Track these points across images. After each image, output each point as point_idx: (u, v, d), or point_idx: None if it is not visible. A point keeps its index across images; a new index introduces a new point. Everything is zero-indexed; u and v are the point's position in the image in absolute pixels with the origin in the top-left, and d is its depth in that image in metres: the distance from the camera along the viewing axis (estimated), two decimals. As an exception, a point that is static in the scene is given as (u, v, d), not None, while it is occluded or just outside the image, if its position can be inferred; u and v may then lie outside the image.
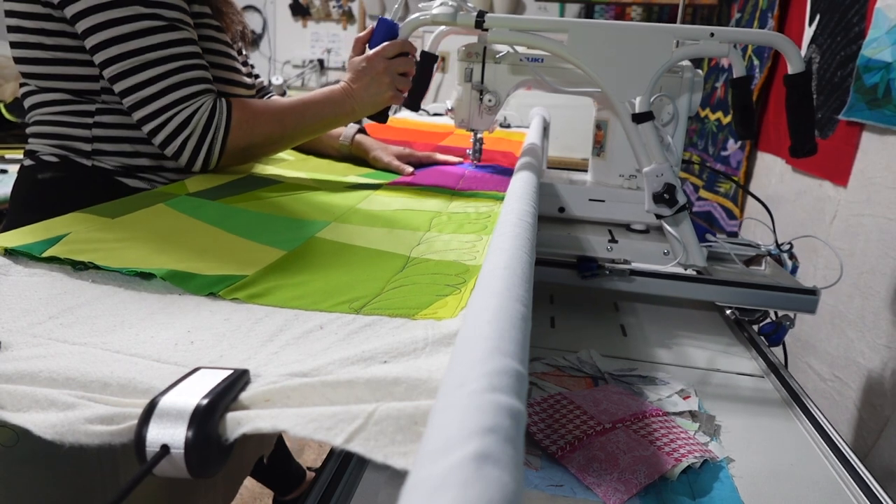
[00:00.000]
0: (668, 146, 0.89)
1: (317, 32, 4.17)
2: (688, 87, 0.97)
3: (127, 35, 0.80)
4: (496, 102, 1.00)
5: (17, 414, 0.32)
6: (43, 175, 0.90)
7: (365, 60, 0.92)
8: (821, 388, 1.42)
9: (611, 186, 1.07)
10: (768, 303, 0.90)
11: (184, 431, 0.30)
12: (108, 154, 0.89)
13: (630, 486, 0.56)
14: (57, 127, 0.90)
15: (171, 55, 0.82)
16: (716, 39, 0.83)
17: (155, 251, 0.57)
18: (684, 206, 0.87)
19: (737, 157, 2.22)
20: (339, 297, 0.51)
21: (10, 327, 0.42)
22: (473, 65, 1.00)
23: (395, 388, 0.33)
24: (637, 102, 0.85)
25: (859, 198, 1.35)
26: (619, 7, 3.30)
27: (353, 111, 0.94)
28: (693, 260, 0.91)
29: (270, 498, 1.60)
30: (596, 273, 0.91)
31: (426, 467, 0.21)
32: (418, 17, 0.91)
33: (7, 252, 0.53)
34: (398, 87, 0.93)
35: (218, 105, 0.86)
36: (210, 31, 0.92)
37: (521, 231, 0.53)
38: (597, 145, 1.08)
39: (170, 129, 0.83)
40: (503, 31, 0.87)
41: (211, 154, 0.86)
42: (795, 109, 0.84)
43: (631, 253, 0.97)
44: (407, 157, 1.14)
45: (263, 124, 0.90)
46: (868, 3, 1.39)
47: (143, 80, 0.82)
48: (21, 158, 0.94)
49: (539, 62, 0.98)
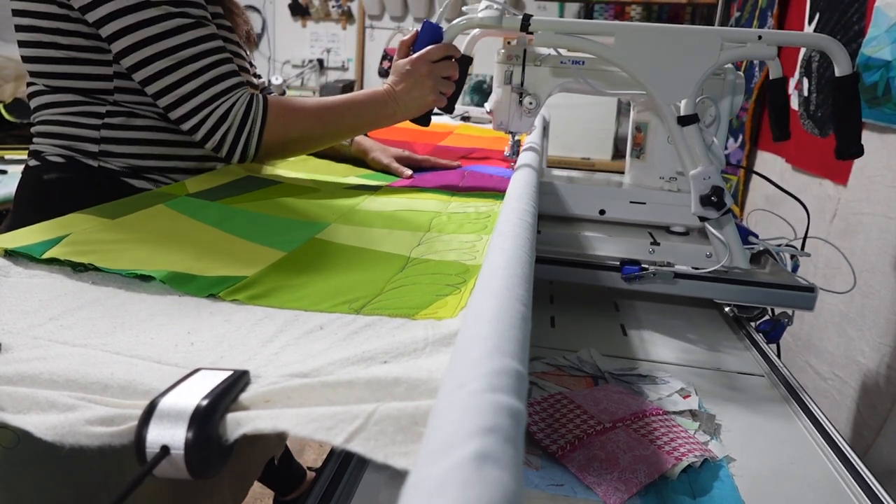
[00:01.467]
0: (712, 148, 0.89)
1: (316, 32, 4.17)
2: (730, 90, 0.96)
3: (158, 35, 0.81)
4: (536, 105, 0.99)
5: (17, 416, 0.32)
6: (48, 175, 0.90)
7: (409, 63, 0.92)
8: (821, 387, 1.42)
9: (651, 189, 1.06)
10: (767, 300, 0.90)
11: (184, 432, 0.30)
12: (115, 155, 0.90)
13: (630, 486, 0.56)
14: (64, 127, 0.90)
15: (204, 51, 0.83)
16: (763, 42, 0.83)
17: (155, 252, 0.57)
18: (730, 209, 0.87)
19: (737, 156, 2.22)
20: (339, 297, 0.51)
21: (10, 329, 0.42)
22: (513, 67, 0.99)
23: (396, 389, 0.33)
24: (682, 105, 0.85)
25: (859, 196, 1.35)
26: (619, 6, 3.30)
27: (394, 113, 0.94)
28: (737, 262, 0.90)
29: (271, 498, 1.60)
30: (640, 275, 0.90)
31: (426, 467, 0.21)
32: (464, 21, 0.91)
33: (7, 253, 0.53)
34: (441, 90, 0.94)
35: (255, 99, 0.87)
36: (223, 31, 0.93)
37: (521, 231, 0.53)
38: (636, 147, 1.08)
39: (210, 123, 0.85)
40: (549, 35, 0.87)
41: (248, 146, 0.88)
42: (843, 112, 0.84)
43: (673, 255, 0.95)
44: (406, 159, 1.14)
45: (301, 120, 0.91)
46: (868, 2, 1.39)
47: (179, 78, 0.82)
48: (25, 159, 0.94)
49: (581, 65, 0.98)
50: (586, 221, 1.09)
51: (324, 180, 0.98)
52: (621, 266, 0.90)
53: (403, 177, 1.08)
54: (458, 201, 0.88)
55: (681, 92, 0.85)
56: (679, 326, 0.96)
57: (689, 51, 0.84)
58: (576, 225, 1.07)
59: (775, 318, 0.94)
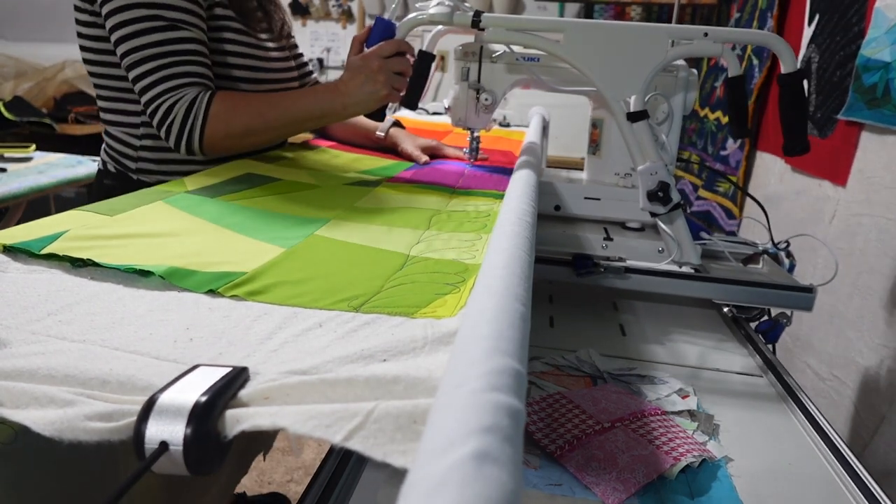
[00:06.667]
0: (663, 145, 0.91)
1: (316, 31, 4.16)
2: (682, 86, 0.98)
3: (133, 34, 0.91)
4: (493, 101, 1.01)
5: (15, 411, 0.32)
6: (107, 181, 1.05)
7: (361, 59, 0.94)
8: (819, 388, 1.42)
9: (606, 185, 1.07)
10: (765, 300, 0.90)
11: (182, 428, 0.30)
12: (149, 172, 1.02)
13: (629, 486, 0.56)
14: (113, 140, 1.04)
15: (165, 52, 0.92)
16: (710, 39, 0.84)
17: (154, 248, 0.57)
18: (678, 204, 0.88)
19: (736, 157, 2.22)
20: (339, 294, 0.51)
21: (8, 324, 0.42)
22: (470, 64, 1.01)
23: (395, 387, 0.33)
24: (632, 101, 0.86)
25: (858, 197, 1.35)
26: (619, 6, 3.30)
27: (343, 108, 0.97)
28: (687, 257, 0.92)
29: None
30: (591, 271, 0.91)
31: (425, 466, 0.21)
32: (415, 17, 0.92)
33: (6, 249, 0.53)
34: (394, 85, 0.95)
35: (200, 96, 0.93)
36: (230, 33, 1.01)
37: (520, 230, 0.53)
38: (592, 144, 1.09)
39: (159, 115, 0.93)
40: (499, 31, 0.88)
41: (192, 140, 0.94)
42: (789, 108, 0.86)
43: (626, 251, 0.97)
44: (432, 149, 1.20)
45: (242, 116, 0.95)
46: (867, 3, 1.39)
47: (140, 72, 0.92)
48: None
49: (535, 61, 1.00)
50: (542, 217, 1.10)
51: (323, 177, 0.98)
52: (574, 261, 0.92)
53: (419, 162, 1.14)
54: (457, 199, 0.88)
55: (630, 88, 0.86)
56: (677, 326, 0.96)
57: (638, 48, 0.86)
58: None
59: (774, 319, 0.94)
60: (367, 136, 1.24)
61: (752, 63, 2.14)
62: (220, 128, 0.94)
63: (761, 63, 2.07)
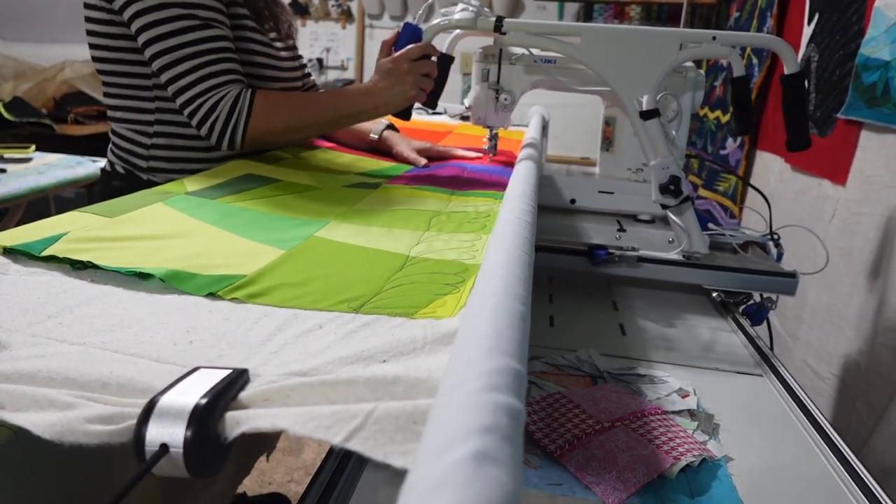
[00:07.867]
0: (673, 141, 0.96)
1: (316, 31, 4.16)
2: (691, 86, 1.03)
3: (168, 34, 0.91)
4: (511, 101, 1.06)
5: (15, 414, 0.32)
6: (115, 182, 1.05)
7: (391, 62, 0.98)
8: (819, 387, 1.42)
9: (619, 179, 1.14)
10: (752, 285, 0.97)
11: (183, 431, 0.30)
12: (160, 171, 1.02)
13: (629, 485, 0.56)
14: (123, 140, 1.04)
15: (204, 50, 0.93)
16: (717, 42, 0.89)
17: (153, 250, 0.57)
18: (688, 196, 0.93)
19: (736, 156, 2.22)
20: (338, 296, 0.51)
21: (8, 326, 0.42)
22: (490, 66, 1.06)
23: (395, 388, 0.33)
24: (644, 101, 0.91)
25: (858, 196, 1.35)
26: (619, 6, 3.30)
27: (376, 108, 1.01)
28: (696, 247, 0.97)
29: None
30: (606, 259, 0.96)
31: (425, 466, 0.21)
32: (441, 22, 0.97)
33: (6, 251, 0.53)
34: (421, 86, 1.00)
35: (242, 93, 0.95)
36: (247, 31, 1.02)
37: (520, 230, 0.53)
38: (605, 141, 1.15)
39: (201, 113, 0.94)
40: (520, 35, 0.94)
41: (235, 135, 0.96)
42: (792, 107, 0.90)
43: (638, 241, 1.02)
44: (426, 151, 1.21)
45: (283, 113, 0.99)
46: (867, 2, 1.39)
47: (179, 72, 0.93)
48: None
49: (552, 63, 1.05)
50: (558, 211, 1.17)
51: (323, 178, 0.98)
52: (590, 251, 0.97)
53: (419, 166, 1.15)
54: (457, 200, 0.88)
55: (642, 88, 0.91)
56: (670, 311, 1.01)
57: (650, 50, 0.91)
58: (549, 214, 1.15)
59: (759, 303, 1.00)
60: (361, 139, 1.25)
61: (752, 62, 2.14)
62: (263, 124, 0.96)
63: (760, 62, 2.07)
